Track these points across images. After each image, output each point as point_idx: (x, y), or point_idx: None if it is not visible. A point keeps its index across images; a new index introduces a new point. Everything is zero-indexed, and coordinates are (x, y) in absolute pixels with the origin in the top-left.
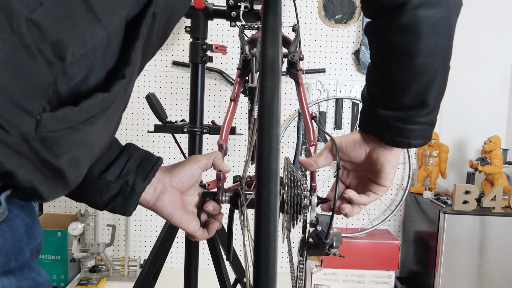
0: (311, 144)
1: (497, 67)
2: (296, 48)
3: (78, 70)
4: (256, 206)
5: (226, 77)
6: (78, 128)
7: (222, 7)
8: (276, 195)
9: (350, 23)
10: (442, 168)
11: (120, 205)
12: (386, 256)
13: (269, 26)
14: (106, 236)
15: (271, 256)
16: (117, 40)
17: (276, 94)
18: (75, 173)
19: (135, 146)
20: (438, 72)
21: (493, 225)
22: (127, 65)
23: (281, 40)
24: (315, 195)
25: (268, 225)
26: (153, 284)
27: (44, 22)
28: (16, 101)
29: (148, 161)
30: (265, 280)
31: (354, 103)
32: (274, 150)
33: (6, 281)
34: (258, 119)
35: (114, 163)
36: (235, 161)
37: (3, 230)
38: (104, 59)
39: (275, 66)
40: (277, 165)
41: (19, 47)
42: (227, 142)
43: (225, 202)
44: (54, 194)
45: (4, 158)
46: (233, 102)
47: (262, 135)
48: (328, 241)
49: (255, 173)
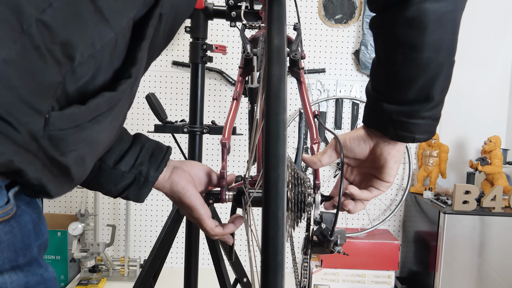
0: (314, 142)
1: (497, 67)
2: (297, 46)
3: (86, 70)
4: (264, 190)
5: (226, 77)
6: (85, 127)
7: (222, 7)
8: (283, 180)
9: (350, 23)
10: (442, 168)
11: (134, 193)
12: (386, 256)
13: (275, 15)
14: (106, 236)
15: (280, 241)
16: (124, 40)
17: (283, 81)
18: (81, 170)
19: (145, 136)
20: (443, 66)
21: (493, 225)
22: (134, 65)
23: (286, 29)
24: (319, 193)
25: (277, 209)
26: (153, 284)
27: (53, 23)
28: (26, 100)
29: (160, 151)
30: (273, 265)
31: (354, 103)
32: (281, 136)
33: (14, 276)
34: (265, 105)
35: (127, 154)
36: (235, 161)
37: (12, 226)
38: (111, 59)
39: (281, 53)
40: (284, 150)
41: (29, 47)
42: (230, 141)
43: (228, 200)
44: (61, 191)
45: (14, 156)
46: (235, 101)
47: (269, 121)
48: (333, 238)
49: (262, 158)
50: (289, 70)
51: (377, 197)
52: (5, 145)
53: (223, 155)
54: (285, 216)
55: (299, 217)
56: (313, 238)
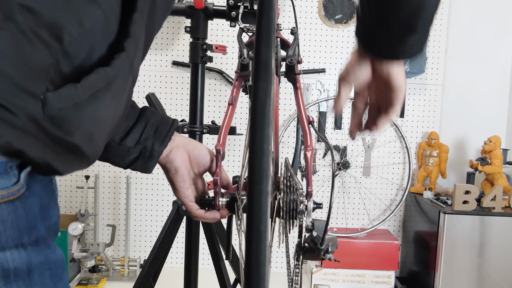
0: (308, 149)
1: (497, 67)
2: (294, 51)
3: (79, 49)
4: (248, 204)
5: (226, 77)
6: (84, 105)
7: (222, 7)
8: (267, 194)
9: (350, 23)
10: (442, 168)
11: (141, 166)
12: (386, 256)
13: (263, 28)
14: (106, 236)
15: (262, 254)
16: (114, 15)
17: (269, 95)
18: (92, 147)
19: (151, 110)
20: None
21: (493, 225)
22: (126, 38)
23: (274, 42)
24: (311, 200)
25: (259, 223)
26: (153, 284)
27: (37, 6)
28: (20, 84)
29: (164, 125)
30: (255, 278)
31: None
32: (265, 150)
33: (16, 254)
34: (251, 120)
35: (132, 130)
36: (235, 161)
37: (16, 206)
38: (104, 36)
39: (268, 67)
40: (268, 165)
41: (15, 33)
42: (224, 147)
43: (222, 207)
44: (70, 168)
45: (13, 138)
46: (231, 106)
47: (254, 136)
48: (323, 247)
49: (247, 173)
50: (286, 75)
51: (377, 197)
52: (3, 128)
53: (217, 162)
54: (269, 229)
55: (291, 225)
56: (305, 245)
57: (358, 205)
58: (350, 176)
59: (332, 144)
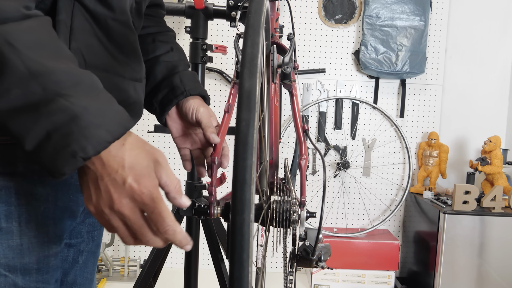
0: (302, 158)
1: (497, 67)
2: (290, 58)
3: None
4: (231, 233)
5: (226, 77)
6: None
7: (222, 7)
8: (249, 224)
9: (350, 23)
10: (442, 168)
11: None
12: (386, 256)
13: (247, 57)
14: (106, 236)
15: (244, 281)
16: None
17: (252, 126)
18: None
19: (167, 82)
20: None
21: (493, 225)
22: None
23: (259, 71)
24: (304, 209)
25: (242, 252)
26: (153, 284)
27: None
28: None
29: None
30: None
31: (354, 103)
32: (248, 180)
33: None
34: (234, 150)
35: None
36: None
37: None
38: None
39: (251, 98)
40: (250, 195)
41: None
42: (220, 156)
43: (217, 215)
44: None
45: None
46: (227, 114)
47: (237, 166)
48: (314, 257)
49: (230, 201)
50: (282, 83)
51: (377, 197)
52: None
53: (212, 171)
54: (251, 258)
55: (284, 233)
56: (298, 254)
57: (358, 205)
58: (350, 176)
59: (332, 144)
